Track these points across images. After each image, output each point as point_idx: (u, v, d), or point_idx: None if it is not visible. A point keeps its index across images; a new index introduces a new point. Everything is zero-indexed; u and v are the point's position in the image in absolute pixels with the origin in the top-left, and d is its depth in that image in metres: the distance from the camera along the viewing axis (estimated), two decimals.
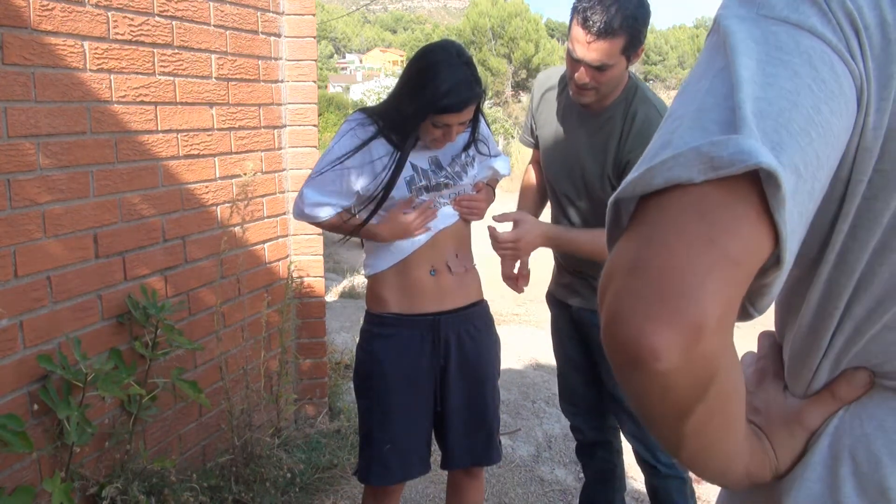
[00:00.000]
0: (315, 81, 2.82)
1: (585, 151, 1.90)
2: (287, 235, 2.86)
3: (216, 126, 2.43)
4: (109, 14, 1.97)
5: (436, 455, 2.00)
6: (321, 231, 2.73)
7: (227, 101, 2.47)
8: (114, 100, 2.00)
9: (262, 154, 2.68)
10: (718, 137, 0.47)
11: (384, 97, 1.90)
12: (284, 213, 2.82)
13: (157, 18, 2.14)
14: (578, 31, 1.69)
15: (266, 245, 2.75)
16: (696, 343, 0.46)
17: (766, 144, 0.47)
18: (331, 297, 5.73)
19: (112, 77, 1.99)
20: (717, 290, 0.46)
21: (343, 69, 72.27)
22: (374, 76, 49.77)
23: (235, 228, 2.55)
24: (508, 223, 1.92)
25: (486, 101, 1.89)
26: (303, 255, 2.90)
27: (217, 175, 2.44)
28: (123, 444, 2.06)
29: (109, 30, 1.97)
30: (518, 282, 2.02)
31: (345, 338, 4.20)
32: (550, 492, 2.81)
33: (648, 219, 0.49)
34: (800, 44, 0.51)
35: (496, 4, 36.10)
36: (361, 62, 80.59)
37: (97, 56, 1.93)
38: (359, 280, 6.12)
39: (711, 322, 0.46)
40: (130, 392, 1.98)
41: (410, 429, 1.85)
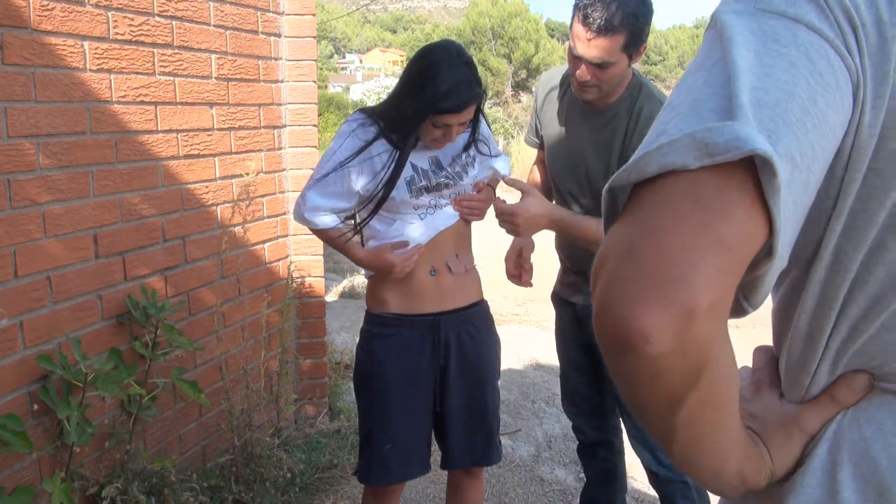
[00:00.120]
0: (315, 81, 2.82)
1: (589, 149, 1.89)
2: (287, 235, 2.86)
3: (216, 126, 2.43)
4: (109, 14, 1.97)
5: (436, 455, 2.00)
6: None
7: (227, 101, 2.47)
8: (114, 100, 2.00)
9: (262, 154, 2.68)
10: (714, 124, 0.47)
11: (384, 97, 1.89)
12: (284, 213, 2.82)
13: (157, 18, 2.14)
14: (579, 28, 1.69)
15: (266, 245, 2.74)
16: (688, 327, 0.45)
17: (763, 133, 0.46)
18: (331, 297, 5.73)
19: (112, 77, 1.99)
20: (710, 275, 0.46)
21: (343, 69, 72.29)
22: (374, 76, 49.80)
23: (235, 228, 2.55)
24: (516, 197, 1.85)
25: (486, 102, 1.89)
26: (303, 255, 2.90)
27: (217, 175, 2.44)
28: (123, 444, 2.06)
29: (109, 30, 1.97)
30: (522, 277, 2.01)
31: (345, 338, 4.20)
32: (550, 492, 2.80)
33: (642, 204, 0.49)
34: (797, 37, 0.51)
35: (496, 4, 36.11)
36: (361, 62, 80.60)
37: (97, 56, 1.93)
38: (359, 280, 6.11)
39: (703, 306, 0.45)
40: (130, 392, 1.98)
41: (410, 429, 1.85)
